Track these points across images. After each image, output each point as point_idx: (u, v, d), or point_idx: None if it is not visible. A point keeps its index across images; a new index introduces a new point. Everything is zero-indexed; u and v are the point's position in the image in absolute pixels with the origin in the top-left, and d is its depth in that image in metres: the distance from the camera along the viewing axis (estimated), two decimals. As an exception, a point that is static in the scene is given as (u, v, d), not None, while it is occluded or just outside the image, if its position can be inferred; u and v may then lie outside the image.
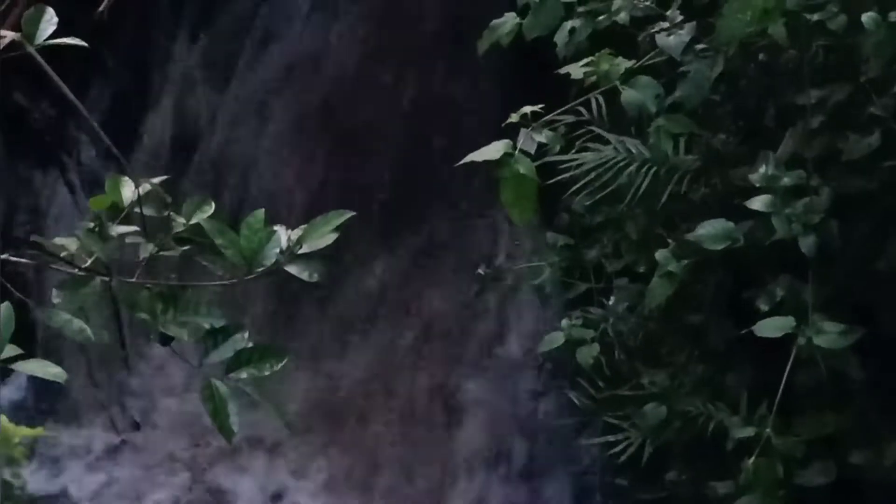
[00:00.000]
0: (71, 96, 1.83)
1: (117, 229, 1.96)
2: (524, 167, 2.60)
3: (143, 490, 4.54)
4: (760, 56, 3.22)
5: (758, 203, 3.02)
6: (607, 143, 3.35)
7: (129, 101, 5.08)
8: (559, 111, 2.95)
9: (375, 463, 4.57)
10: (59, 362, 1.82)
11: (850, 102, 3.08)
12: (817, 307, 2.99)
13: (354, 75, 4.84)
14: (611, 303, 3.69)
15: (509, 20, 3.23)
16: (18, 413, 3.95)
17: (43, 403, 4.63)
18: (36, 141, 5.12)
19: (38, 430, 1.30)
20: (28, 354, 1.83)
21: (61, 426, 4.56)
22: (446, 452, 4.55)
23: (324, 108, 4.89)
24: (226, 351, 1.93)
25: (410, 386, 4.69)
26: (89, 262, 1.92)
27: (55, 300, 1.88)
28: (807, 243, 2.97)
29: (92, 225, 1.94)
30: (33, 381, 4.49)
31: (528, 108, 2.72)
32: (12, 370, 1.72)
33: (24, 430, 1.28)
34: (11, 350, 1.78)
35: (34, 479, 4.06)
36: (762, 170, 3.06)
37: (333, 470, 4.55)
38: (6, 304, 1.79)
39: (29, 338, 1.87)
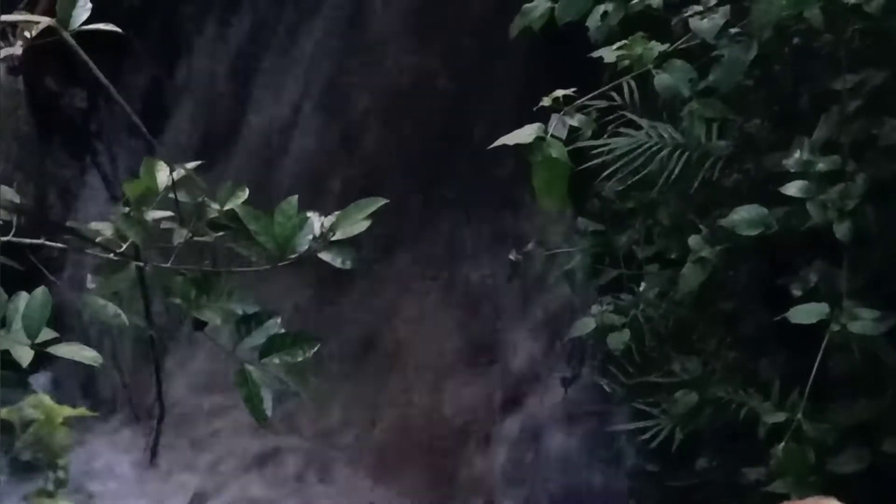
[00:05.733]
0: (105, 81, 1.83)
1: (152, 214, 1.97)
2: (556, 151, 2.59)
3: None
4: (795, 40, 3.18)
5: (793, 188, 2.99)
6: (639, 128, 3.32)
7: (159, 88, 5.10)
8: (591, 95, 2.94)
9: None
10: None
11: (886, 87, 3.05)
12: (852, 294, 2.96)
13: (386, 59, 4.83)
14: (641, 289, 3.67)
15: (541, 4, 3.21)
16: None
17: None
18: (67, 126, 5.14)
19: (81, 411, 1.31)
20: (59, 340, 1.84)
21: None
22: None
23: (356, 90, 4.88)
24: (259, 337, 1.94)
25: (441, 364, 4.70)
26: (124, 247, 1.93)
27: (90, 285, 1.89)
28: (842, 229, 2.94)
29: (127, 210, 1.95)
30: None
31: (560, 92, 2.71)
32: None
33: (67, 410, 1.29)
34: (47, 334, 1.79)
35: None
36: (797, 155, 3.03)
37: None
38: (42, 287, 1.80)
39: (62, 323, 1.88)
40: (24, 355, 1.75)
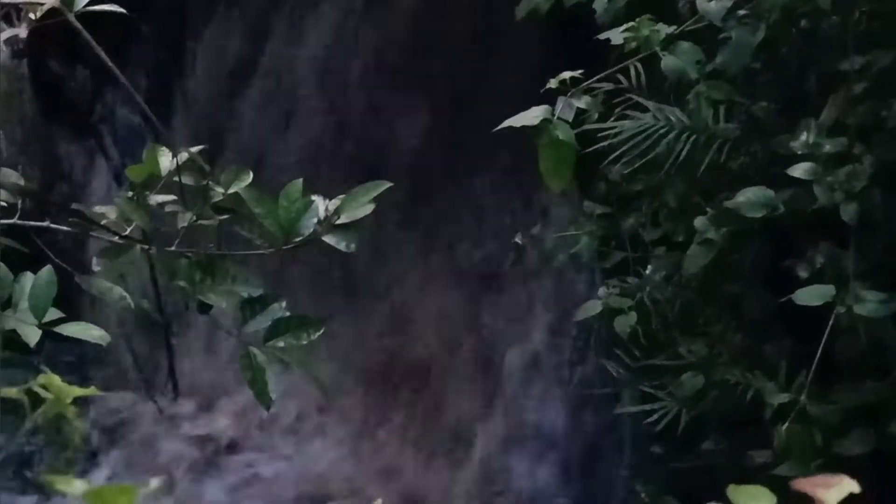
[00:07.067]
0: (110, 64, 1.82)
1: (156, 198, 1.97)
2: (563, 133, 2.58)
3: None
4: (803, 22, 3.17)
5: (799, 170, 2.98)
6: (646, 110, 3.31)
7: (164, 71, 5.09)
8: (597, 78, 2.93)
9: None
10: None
11: (893, 69, 3.04)
12: (858, 276, 2.96)
13: (390, 41, 4.82)
14: (648, 272, 3.67)
15: (547, -14, 3.20)
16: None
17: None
18: (72, 109, 5.14)
19: (91, 390, 1.31)
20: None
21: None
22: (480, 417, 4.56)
23: (361, 73, 4.87)
24: (264, 320, 1.94)
25: (445, 349, 4.70)
26: (129, 230, 1.93)
27: (95, 268, 1.89)
28: (848, 211, 2.94)
29: (131, 193, 1.95)
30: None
31: (567, 74, 2.70)
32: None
33: (77, 390, 1.29)
34: (54, 313, 1.79)
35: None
36: (804, 137, 3.02)
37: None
38: (48, 267, 1.81)
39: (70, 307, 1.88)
40: (32, 335, 1.75)
